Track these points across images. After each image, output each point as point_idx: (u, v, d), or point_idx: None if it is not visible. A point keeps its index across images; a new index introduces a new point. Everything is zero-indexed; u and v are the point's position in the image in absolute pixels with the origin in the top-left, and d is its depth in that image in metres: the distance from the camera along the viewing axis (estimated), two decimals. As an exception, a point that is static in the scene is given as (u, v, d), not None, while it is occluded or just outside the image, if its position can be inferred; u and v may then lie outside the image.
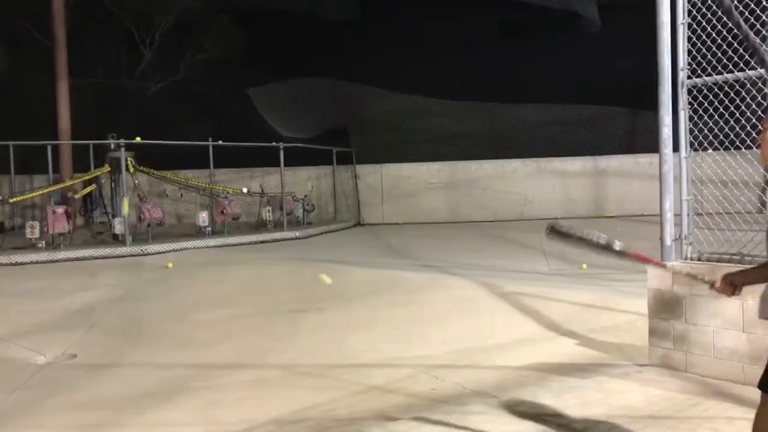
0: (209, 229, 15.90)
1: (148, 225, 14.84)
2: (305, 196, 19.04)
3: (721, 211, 5.00)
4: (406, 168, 20.68)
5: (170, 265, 10.75)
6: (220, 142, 16.99)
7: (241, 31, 23.20)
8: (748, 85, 4.67)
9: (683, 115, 4.91)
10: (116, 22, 22.60)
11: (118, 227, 14.55)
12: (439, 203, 20.46)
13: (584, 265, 10.03)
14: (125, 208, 14.20)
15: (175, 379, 5.64)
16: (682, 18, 4.81)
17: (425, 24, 21.93)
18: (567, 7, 20.36)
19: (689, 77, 4.86)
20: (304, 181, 19.96)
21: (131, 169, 15.37)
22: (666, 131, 4.92)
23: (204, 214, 16.07)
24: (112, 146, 15.43)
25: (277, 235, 16.37)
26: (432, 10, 21.39)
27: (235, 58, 22.60)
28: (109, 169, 15.72)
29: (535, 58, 20.57)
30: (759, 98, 4.74)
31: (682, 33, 4.83)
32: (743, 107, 4.63)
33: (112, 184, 16.03)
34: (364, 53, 21.57)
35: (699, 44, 4.75)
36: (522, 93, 20.67)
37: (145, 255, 13.35)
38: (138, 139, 15.30)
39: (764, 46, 4.42)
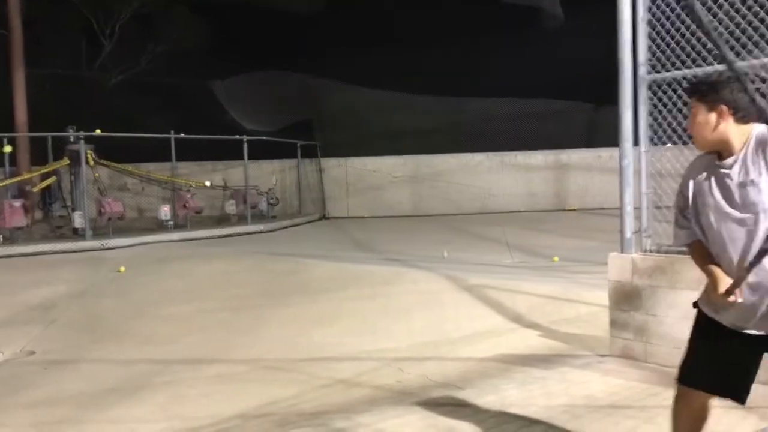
0: (171, 223, 15.71)
1: (109, 219, 14.59)
2: (269, 190, 18.92)
3: (680, 204, 5.09)
4: (371, 161, 20.69)
5: (122, 269, 10.53)
6: (183, 134, 16.76)
7: (204, 23, 22.92)
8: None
9: (643, 110, 5.00)
10: (75, 12, 22.12)
11: (78, 221, 14.28)
12: (404, 197, 20.52)
13: (555, 258, 10.18)
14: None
15: (138, 375, 5.57)
16: (642, 14, 4.89)
17: (390, 18, 21.93)
18: (530, 2, 20.54)
19: (649, 72, 4.95)
20: (268, 175, 19.83)
21: (91, 162, 15.09)
22: (626, 126, 5.00)
23: (166, 208, 15.87)
24: (72, 139, 15.13)
25: (241, 228, 16.25)
26: (397, 5, 21.41)
27: (197, 51, 22.32)
28: (68, 162, 15.41)
29: (499, 53, 20.71)
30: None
31: (643, 29, 4.91)
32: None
33: (72, 177, 15.72)
34: (330, 47, 21.49)
35: (659, 40, 4.83)
36: (485, 87, 20.81)
37: (106, 249, 13.13)
38: (98, 131, 15.03)
39: (724, 43, 4.53)
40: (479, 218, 18.10)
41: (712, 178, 2.58)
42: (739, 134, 2.50)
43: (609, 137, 5.94)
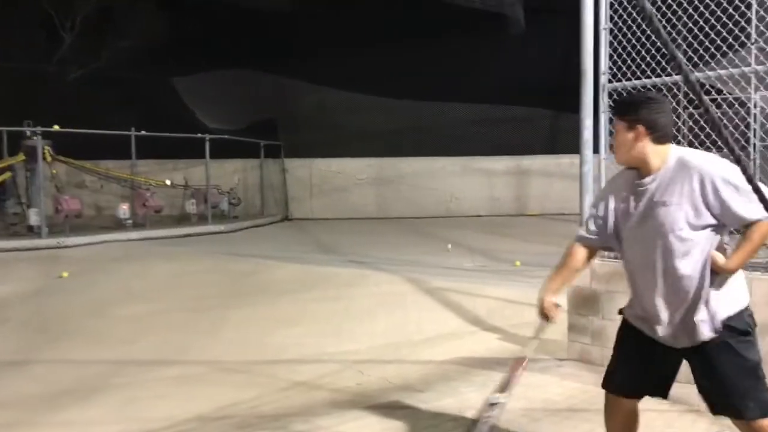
0: (130, 221, 15.45)
1: (66, 217, 14.27)
2: (231, 189, 18.73)
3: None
4: (336, 163, 20.65)
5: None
6: (143, 132, 16.49)
7: (169, 18, 22.58)
8: (664, 91, 4.88)
9: (603, 118, 5.08)
10: (34, 5, 21.61)
11: (34, 218, 13.94)
12: (368, 199, 20.52)
13: (517, 262, 10.28)
14: None
15: (93, 377, 5.46)
16: (604, 23, 4.97)
17: (357, 20, 21.90)
18: (495, 9, 20.73)
19: (610, 81, 5.04)
20: (230, 174, 19.63)
21: (48, 159, 14.75)
22: (587, 133, 5.08)
23: (125, 206, 15.59)
24: (28, 134, 14.77)
25: (202, 228, 16.06)
26: (364, 7, 21.39)
27: (161, 46, 21.96)
28: (24, 157, 15.03)
29: (464, 58, 20.86)
30: (674, 103, 4.96)
31: (605, 38, 4.99)
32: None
33: (27, 173, 15.34)
34: (296, 47, 21.36)
35: (620, 49, 4.92)
36: (450, 92, 20.95)
37: (62, 248, 12.84)
38: (56, 127, 14.70)
39: (681, 54, 4.64)
40: (442, 221, 18.21)
41: (632, 197, 2.67)
42: (656, 154, 2.58)
43: (570, 144, 6.03)
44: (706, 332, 2.53)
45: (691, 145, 4.52)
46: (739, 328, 2.53)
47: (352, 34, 21.28)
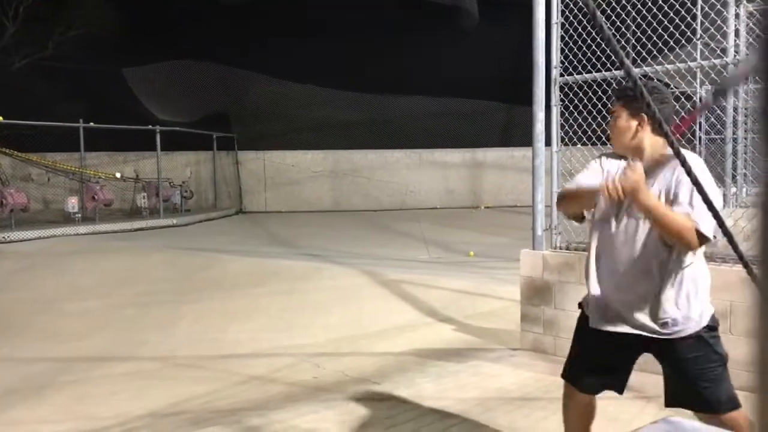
0: (79, 215, 15.07)
1: (11, 211, 13.85)
2: (183, 183, 18.43)
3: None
4: (290, 156, 20.51)
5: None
6: (92, 123, 16.09)
7: (117, 7, 22.04)
8: (614, 84, 4.97)
9: (555, 111, 5.16)
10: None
11: (-24, 213, 13.51)
12: (323, 192, 20.46)
13: (471, 252, 10.38)
14: None
15: (41, 374, 5.33)
16: (555, 17, 5.04)
17: (311, 12, 21.76)
18: (450, 2, 20.83)
19: (561, 75, 5.11)
20: (182, 167, 19.32)
21: (-8, 151, 14.30)
22: (539, 126, 5.15)
23: (73, 200, 15.20)
24: (-30, 125, 14.29)
25: (153, 222, 15.77)
26: (319, -1, 21.29)
27: (109, 36, 21.44)
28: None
29: (419, 51, 20.93)
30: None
31: (556, 32, 5.07)
32: (609, 105, 4.93)
33: (-30, 166, 14.86)
34: (250, 37, 21.11)
35: (571, 44, 5.00)
36: (405, 85, 20.98)
37: (7, 243, 12.46)
38: (0, 118, 14.23)
39: (625, 49, 4.73)
40: (398, 214, 18.26)
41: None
42: (653, 144, 2.62)
43: (523, 137, 6.11)
44: (672, 327, 2.57)
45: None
46: (711, 324, 2.59)
47: (307, 25, 21.14)
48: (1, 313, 7.57)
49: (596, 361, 2.80)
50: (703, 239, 2.45)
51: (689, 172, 1.65)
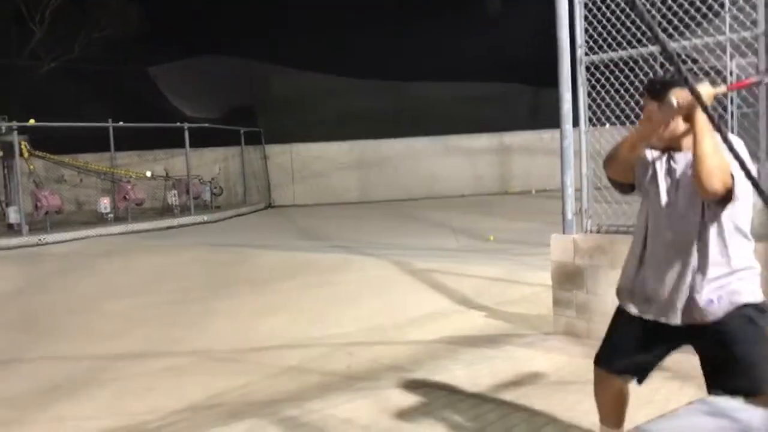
0: (111, 215, 15.31)
1: (46, 213, 14.12)
2: (213, 179, 18.61)
3: (618, 184, 5.21)
4: (316, 148, 20.55)
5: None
6: (121, 123, 16.30)
7: (141, 7, 22.28)
8: (641, 62, 4.89)
9: (582, 91, 5.09)
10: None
11: (13, 216, 13.79)
12: (350, 183, 20.48)
13: (491, 236, 10.33)
14: None
15: (81, 372, 5.44)
16: (578, -4, 4.96)
17: (334, 2, 21.74)
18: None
19: (587, 54, 5.04)
20: (211, 163, 19.50)
21: (26, 154, 14.56)
22: (566, 107, 5.09)
23: (105, 200, 15.45)
24: (3, 129, 14.56)
25: (184, 219, 15.96)
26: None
27: (135, 36, 21.68)
28: (0, 153, 14.84)
29: (440, 36, 20.82)
30: (651, 74, 4.97)
31: (580, 10, 4.98)
32: (637, 83, 4.84)
33: (5, 170, 15.14)
34: (272, 31, 21.19)
35: (595, 22, 4.92)
36: (428, 71, 20.90)
37: (43, 245, 12.72)
38: (32, 121, 14.49)
39: (657, 25, 4.64)
40: (426, 203, 18.22)
41: (665, 166, 2.65)
42: (688, 130, 2.56)
43: (550, 119, 6.03)
44: (715, 310, 2.53)
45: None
46: (753, 302, 2.54)
47: (329, 17, 21.14)
48: (42, 315, 7.73)
49: (628, 347, 2.77)
50: (729, 194, 2.39)
51: (731, 148, 1.61)
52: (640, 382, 2.82)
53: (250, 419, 3.95)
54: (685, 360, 2.94)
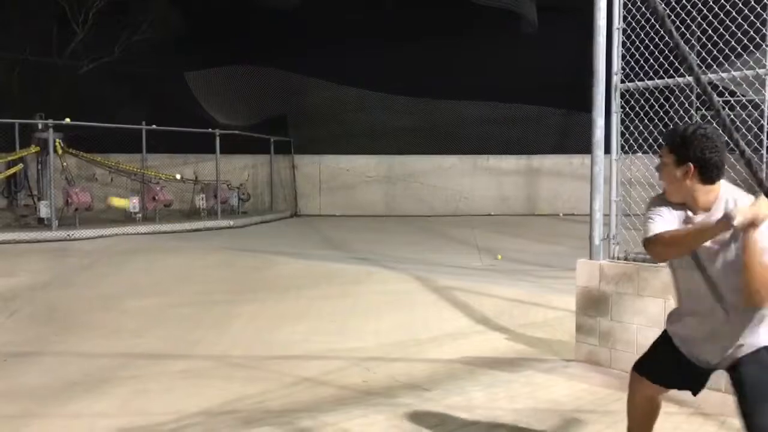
0: (140, 215, 15.50)
1: (76, 209, 14.34)
2: (241, 185, 18.76)
3: (648, 212, 5.16)
4: (345, 160, 20.65)
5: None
6: (154, 126, 16.53)
7: (182, 13, 22.65)
8: (677, 92, 4.85)
9: (615, 118, 5.05)
10: (47, -2, 21.70)
11: (44, 211, 14.02)
12: (377, 196, 20.51)
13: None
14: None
15: (101, 369, 5.48)
16: (617, 23, 4.95)
17: (369, 17, 21.90)
18: (508, 7, 20.66)
19: (622, 81, 5.01)
20: (240, 170, 19.67)
21: (59, 151, 14.82)
22: (599, 133, 5.06)
23: (135, 200, 15.64)
24: (40, 126, 14.83)
25: (211, 223, 16.09)
26: (376, 3, 21.40)
27: (173, 41, 22.03)
28: (35, 149, 15.10)
29: (474, 56, 20.82)
30: (686, 104, 4.93)
31: (617, 38, 4.97)
32: (672, 113, 4.81)
33: (39, 165, 15.42)
34: (308, 43, 21.38)
35: (633, 50, 4.89)
36: (460, 90, 20.89)
37: (71, 240, 12.91)
38: (67, 120, 14.75)
39: (693, 55, 4.60)
40: (451, 220, 18.17)
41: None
42: (705, 192, 2.53)
43: (581, 144, 6.00)
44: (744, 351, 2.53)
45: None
46: None
47: (364, 31, 21.28)
48: (65, 309, 7.83)
49: (670, 369, 2.78)
50: None
51: None
52: (695, 392, 2.81)
53: (265, 428, 3.95)
54: (707, 395, 2.90)
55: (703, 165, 2.48)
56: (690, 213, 2.58)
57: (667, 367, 2.79)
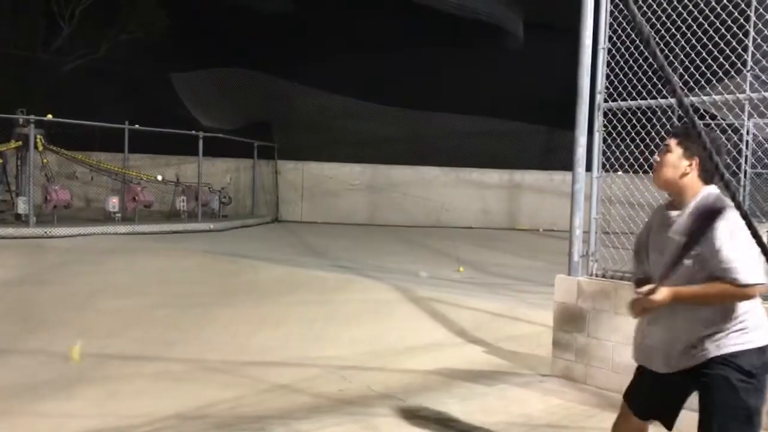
0: (119, 215, 15.36)
1: (55, 207, 14.19)
2: (222, 188, 18.67)
3: (627, 230, 5.22)
4: (328, 167, 20.64)
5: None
6: (137, 126, 16.41)
7: (168, 15, 22.56)
8: (659, 113, 4.91)
9: (597, 137, 5.10)
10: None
11: (22, 207, 13.85)
12: (359, 205, 20.51)
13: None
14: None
15: (73, 369, 5.42)
16: (603, 43, 5.00)
17: (357, 25, 21.95)
18: (495, 22, 20.81)
19: (606, 101, 5.06)
20: (222, 173, 19.57)
21: (40, 147, 14.65)
22: (580, 151, 5.10)
23: (114, 200, 15.51)
24: (21, 121, 14.67)
25: (191, 226, 15.99)
26: (363, 13, 21.44)
27: (159, 42, 21.93)
28: (15, 144, 14.92)
29: (461, 70, 20.95)
30: (668, 125, 4.99)
31: (602, 57, 5.02)
32: (653, 133, 4.86)
33: (18, 161, 15.23)
34: (296, 49, 21.39)
35: (617, 69, 4.95)
36: (446, 103, 21.00)
37: (49, 238, 12.76)
38: (49, 116, 14.60)
39: (676, 77, 4.67)
40: (433, 231, 18.21)
41: (660, 227, 2.75)
42: (693, 189, 2.64)
43: (563, 161, 6.05)
44: (700, 356, 2.55)
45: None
46: (744, 367, 2.48)
47: (352, 40, 21.33)
48: (37, 307, 7.73)
49: (649, 389, 2.80)
50: (751, 287, 2.44)
51: (746, 219, 1.64)
52: (669, 427, 2.81)
53: (238, 433, 3.92)
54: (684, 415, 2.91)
55: (708, 165, 2.60)
56: (667, 211, 2.72)
57: (645, 392, 2.81)
